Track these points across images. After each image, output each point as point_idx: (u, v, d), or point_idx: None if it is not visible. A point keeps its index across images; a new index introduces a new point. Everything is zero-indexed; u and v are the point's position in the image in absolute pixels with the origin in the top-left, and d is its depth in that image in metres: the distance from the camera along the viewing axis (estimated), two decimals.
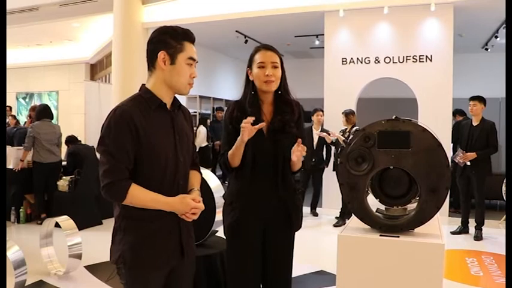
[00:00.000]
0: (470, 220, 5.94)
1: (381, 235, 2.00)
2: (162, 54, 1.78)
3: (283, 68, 2.32)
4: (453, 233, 5.89)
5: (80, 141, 7.13)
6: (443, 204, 1.98)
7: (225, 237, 2.39)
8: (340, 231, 2.07)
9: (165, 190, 1.78)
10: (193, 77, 1.86)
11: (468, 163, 5.59)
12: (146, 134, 1.74)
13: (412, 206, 2.17)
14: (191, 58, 1.83)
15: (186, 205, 1.78)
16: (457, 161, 5.72)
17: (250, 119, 2.10)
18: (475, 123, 5.70)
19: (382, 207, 2.31)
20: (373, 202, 2.22)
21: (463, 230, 5.92)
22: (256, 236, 2.28)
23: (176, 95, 1.91)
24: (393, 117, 2.07)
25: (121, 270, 1.81)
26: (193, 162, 2.02)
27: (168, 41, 1.78)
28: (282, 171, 2.26)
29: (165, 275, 1.85)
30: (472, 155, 5.52)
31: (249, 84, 2.33)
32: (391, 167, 2.08)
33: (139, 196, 1.73)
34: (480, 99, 5.66)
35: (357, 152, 2.06)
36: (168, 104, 1.86)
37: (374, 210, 2.23)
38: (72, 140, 6.85)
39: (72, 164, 6.49)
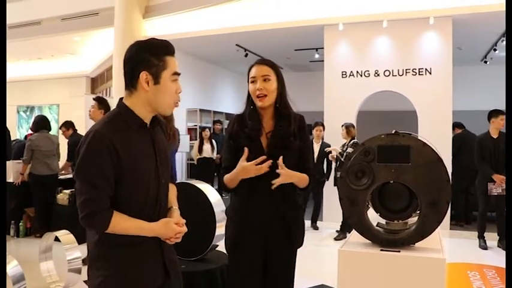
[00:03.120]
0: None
1: (381, 250, 1.99)
2: (144, 75, 1.65)
3: (281, 81, 2.27)
4: (484, 248, 5.83)
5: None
6: (444, 218, 1.98)
7: (226, 252, 2.38)
8: (341, 246, 2.07)
9: (147, 214, 1.70)
10: (179, 92, 1.75)
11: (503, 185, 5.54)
12: (127, 157, 1.63)
13: (413, 220, 2.17)
14: (175, 73, 1.71)
15: (171, 230, 1.72)
16: (497, 194, 5.58)
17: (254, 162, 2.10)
18: (495, 136, 5.72)
19: (383, 221, 2.30)
20: (373, 216, 2.22)
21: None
22: (257, 252, 2.26)
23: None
24: (393, 132, 2.08)
25: None
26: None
27: (149, 59, 1.65)
28: (283, 187, 2.18)
29: None
30: (502, 178, 5.50)
31: (249, 99, 2.30)
32: (391, 182, 2.08)
33: (121, 225, 1.63)
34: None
35: (357, 166, 2.06)
36: (148, 123, 1.75)
37: (375, 224, 2.23)
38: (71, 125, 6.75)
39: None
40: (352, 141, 6.29)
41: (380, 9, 6.92)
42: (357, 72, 7.30)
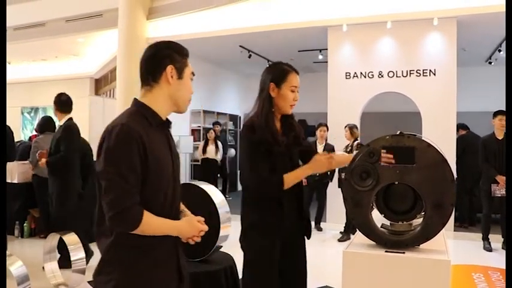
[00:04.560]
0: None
1: (386, 251, 1.99)
2: (170, 69, 1.69)
3: None
4: (489, 250, 5.80)
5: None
6: (448, 220, 1.98)
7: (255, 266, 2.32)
8: (345, 247, 2.06)
9: (165, 214, 1.66)
10: (192, 93, 1.82)
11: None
12: (152, 154, 1.60)
13: (418, 221, 2.16)
14: (192, 73, 1.80)
15: (195, 228, 1.69)
16: (501, 195, 5.54)
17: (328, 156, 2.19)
18: (500, 137, 5.69)
19: (387, 222, 2.30)
20: (378, 217, 2.21)
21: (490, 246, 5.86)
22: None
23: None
24: (398, 133, 2.07)
25: None
26: None
27: (174, 55, 1.72)
28: (300, 189, 2.35)
29: None
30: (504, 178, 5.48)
31: (271, 101, 2.28)
32: (396, 183, 2.07)
33: (151, 222, 1.58)
34: (505, 112, 5.67)
35: (362, 167, 2.05)
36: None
37: (379, 225, 2.22)
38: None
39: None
40: (355, 142, 6.28)
41: (384, 10, 6.91)
42: (361, 73, 7.29)
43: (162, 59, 1.70)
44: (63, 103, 4.88)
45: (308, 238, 2.42)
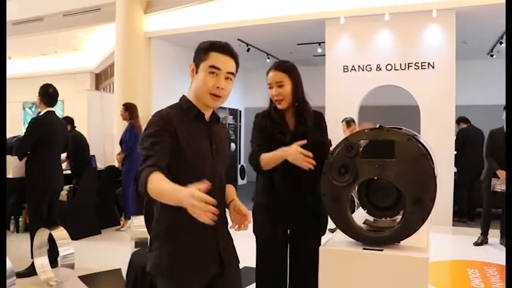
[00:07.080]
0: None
1: (364, 248, 1.93)
2: (192, 66, 1.84)
3: (296, 83, 2.38)
4: (476, 244, 5.75)
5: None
6: (429, 215, 1.91)
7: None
8: (323, 244, 2.02)
9: None
10: (217, 87, 1.78)
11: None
12: (185, 141, 1.74)
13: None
14: (212, 66, 1.77)
15: (196, 197, 1.41)
16: (500, 190, 5.42)
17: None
18: None
19: (371, 218, 2.24)
20: (362, 213, 2.17)
21: (485, 240, 5.77)
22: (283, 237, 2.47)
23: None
24: (377, 126, 2.02)
25: (157, 279, 1.79)
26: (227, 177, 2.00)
27: (197, 54, 1.84)
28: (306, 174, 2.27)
29: (204, 284, 1.80)
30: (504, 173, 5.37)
31: (270, 99, 2.44)
32: (376, 178, 2.02)
33: (153, 183, 1.55)
34: None
35: (340, 162, 1.99)
36: (206, 116, 1.86)
37: (363, 221, 2.17)
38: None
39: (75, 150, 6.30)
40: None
41: (382, 2, 6.82)
42: (359, 66, 7.22)
43: (193, 60, 1.86)
44: (50, 95, 4.57)
45: (314, 224, 2.44)
